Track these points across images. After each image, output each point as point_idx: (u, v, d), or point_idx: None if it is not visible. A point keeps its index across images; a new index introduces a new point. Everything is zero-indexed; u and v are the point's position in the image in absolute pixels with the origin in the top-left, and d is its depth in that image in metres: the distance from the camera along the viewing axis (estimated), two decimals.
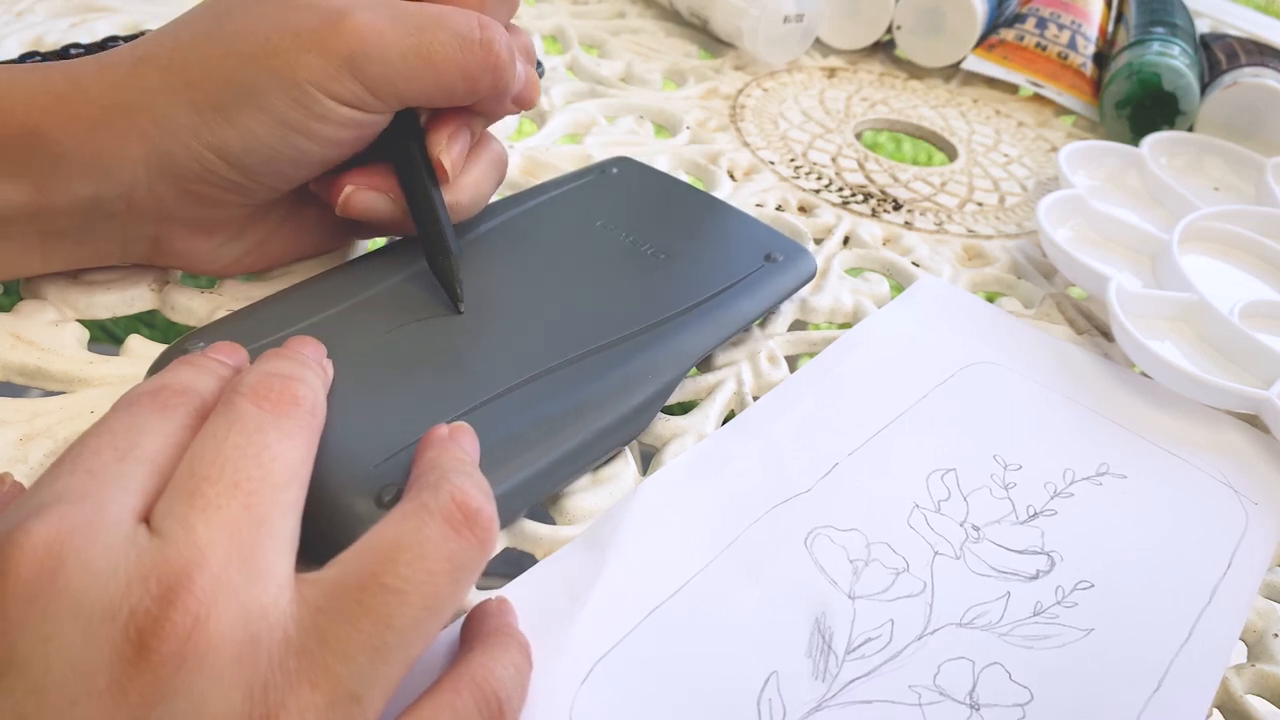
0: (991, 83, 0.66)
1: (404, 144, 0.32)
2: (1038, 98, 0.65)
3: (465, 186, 0.33)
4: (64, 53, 0.42)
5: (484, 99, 0.32)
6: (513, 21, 0.35)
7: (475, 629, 0.24)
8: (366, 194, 0.32)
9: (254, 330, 0.29)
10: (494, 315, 0.32)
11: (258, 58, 0.28)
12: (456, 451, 0.24)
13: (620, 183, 0.40)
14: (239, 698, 0.18)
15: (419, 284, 0.32)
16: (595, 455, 0.30)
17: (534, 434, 0.28)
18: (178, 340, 0.29)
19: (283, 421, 0.22)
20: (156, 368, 0.29)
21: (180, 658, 0.18)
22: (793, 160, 0.52)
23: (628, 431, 0.31)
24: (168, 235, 0.32)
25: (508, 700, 0.22)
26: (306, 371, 0.24)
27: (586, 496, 0.30)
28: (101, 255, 0.32)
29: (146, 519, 0.20)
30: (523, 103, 0.34)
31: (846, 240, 0.46)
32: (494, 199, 0.37)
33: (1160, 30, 0.60)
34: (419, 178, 0.32)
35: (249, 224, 0.33)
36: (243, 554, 0.19)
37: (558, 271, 0.34)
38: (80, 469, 0.20)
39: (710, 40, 0.64)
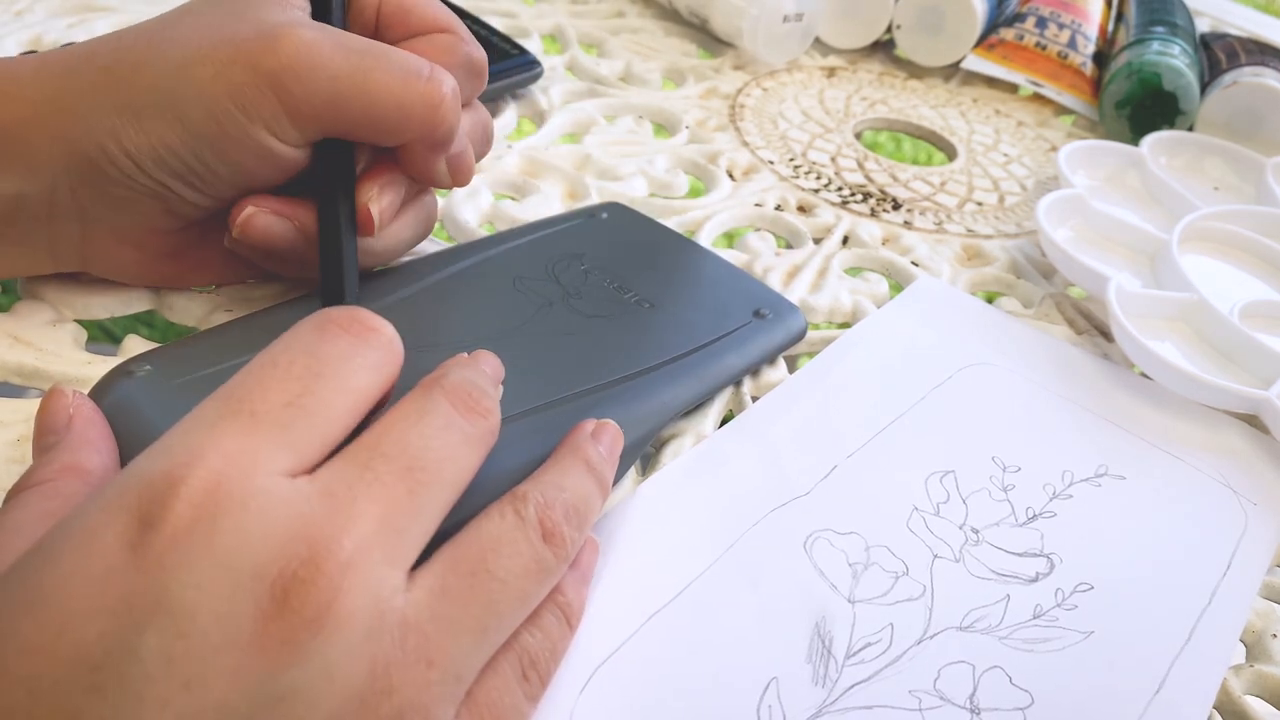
0: (991, 82, 0.66)
1: (331, 181, 0.30)
2: (1037, 97, 0.65)
3: (384, 235, 0.32)
4: None
5: (417, 145, 0.30)
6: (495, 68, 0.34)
7: None
8: (267, 218, 0.30)
9: (205, 356, 0.28)
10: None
11: (184, 66, 0.28)
12: (565, 463, 0.26)
13: (609, 227, 0.39)
14: (364, 670, 0.19)
15: (395, 313, 0.30)
16: None
17: (496, 483, 0.25)
18: (122, 363, 0.28)
19: (469, 428, 0.23)
20: (96, 395, 0.27)
21: (318, 623, 0.18)
22: (792, 160, 0.52)
23: None
24: (94, 243, 0.31)
25: (537, 665, 0.24)
26: (493, 390, 0.25)
27: None
28: (33, 261, 0.31)
29: (307, 470, 0.20)
30: (456, 174, 0.32)
31: (846, 240, 0.46)
32: (480, 235, 0.36)
33: (1160, 30, 0.60)
34: (334, 218, 0.30)
35: (183, 245, 0.32)
36: (390, 533, 0.20)
37: (537, 314, 0.33)
38: (244, 410, 0.20)
39: (710, 40, 0.64)
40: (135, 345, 0.32)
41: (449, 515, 0.22)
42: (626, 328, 0.34)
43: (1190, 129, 0.58)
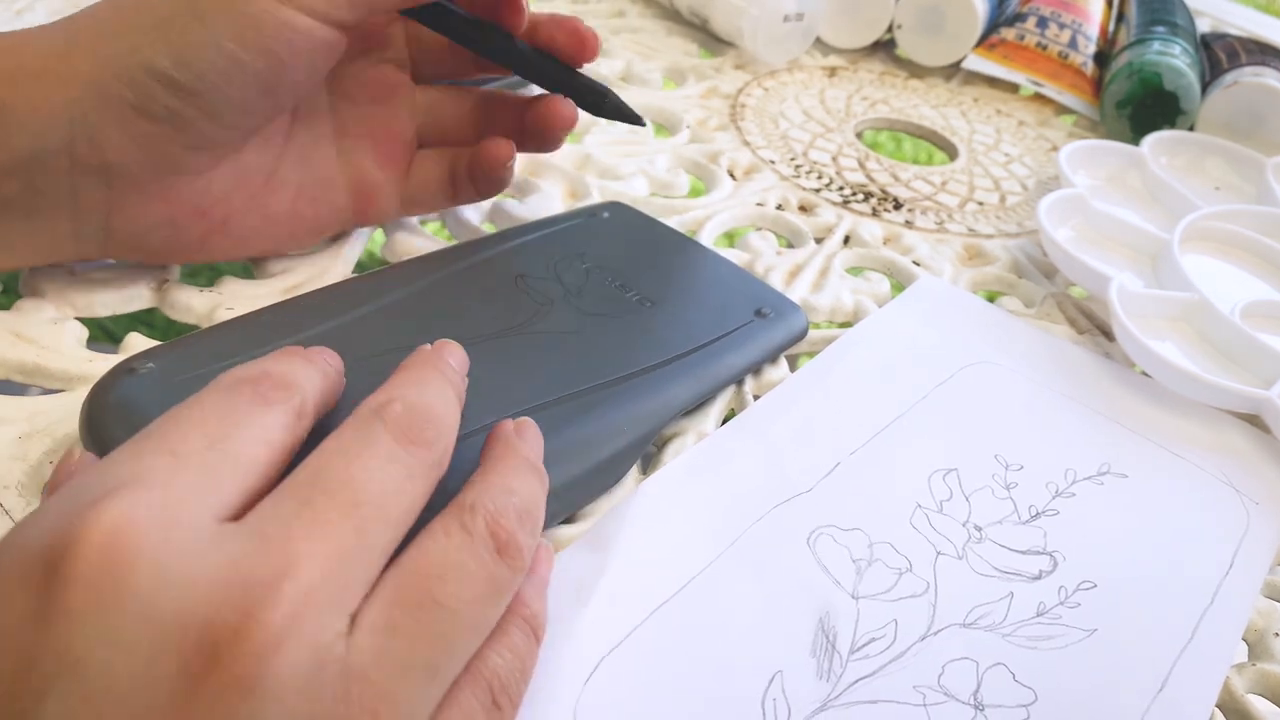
0: (992, 82, 0.66)
1: (486, 38, 0.33)
2: (1038, 97, 0.65)
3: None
4: None
5: None
6: None
7: None
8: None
9: (210, 352, 0.28)
10: (470, 355, 0.31)
11: None
12: (507, 464, 0.24)
13: (611, 226, 0.39)
14: None
15: (396, 312, 0.31)
16: (566, 507, 0.29)
17: None
18: (123, 360, 0.28)
19: (411, 461, 0.21)
20: (98, 392, 0.27)
21: (251, 681, 0.16)
22: (793, 159, 0.52)
23: (599, 484, 0.30)
24: (120, 203, 0.30)
25: (507, 690, 0.22)
26: (448, 412, 0.23)
27: None
28: (55, 237, 0.30)
29: (233, 518, 0.18)
30: None
31: (847, 239, 0.46)
32: (482, 234, 0.36)
33: (1161, 29, 0.60)
34: (526, 59, 0.33)
35: (206, 198, 0.31)
36: (336, 576, 0.18)
37: (539, 313, 0.33)
38: (164, 449, 0.18)
39: (710, 39, 0.64)
40: (136, 343, 0.32)
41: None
42: (628, 326, 0.34)
43: (1191, 129, 0.58)
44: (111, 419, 0.26)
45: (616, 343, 0.33)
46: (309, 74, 0.30)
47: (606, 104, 0.32)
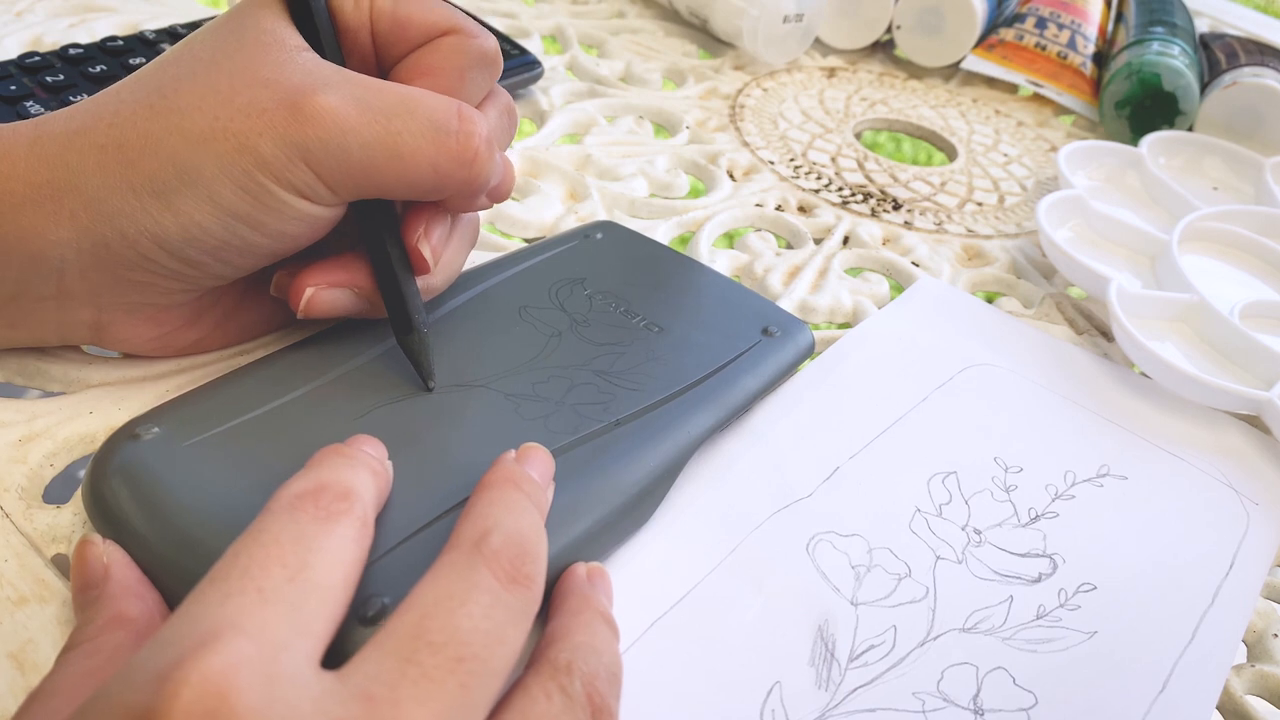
0: (991, 82, 0.66)
1: (374, 226, 0.29)
2: (1037, 97, 0.65)
3: (439, 268, 0.31)
4: (63, 53, 0.42)
5: (454, 195, 0.29)
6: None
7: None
8: (328, 293, 0.29)
9: (216, 412, 0.27)
10: (479, 396, 0.30)
11: (204, 139, 0.25)
12: (586, 619, 0.24)
13: (606, 248, 0.38)
14: None
15: (398, 359, 0.30)
16: (596, 554, 0.27)
17: None
18: (128, 424, 0.27)
19: (514, 602, 0.21)
20: (102, 460, 0.26)
21: None
22: (792, 160, 0.52)
23: (628, 526, 0.28)
24: (108, 323, 0.29)
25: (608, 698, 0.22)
26: (540, 540, 0.23)
27: None
28: (37, 339, 0.29)
29: (320, 654, 0.19)
30: (497, 196, 0.31)
31: (846, 240, 0.46)
32: (475, 263, 0.35)
33: (1160, 30, 0.60)
34: (385, 260, 0.29)
35: (199, 312, 0.30)
36: None
37: (549, 345, 0.32)
38: (250, 587, 0.18)
39: (710, 40, 0.64)
40: None
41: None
42: (640, 356, 0.33)
43: (1190, 129, 0.58)
44: (118, 490, 0.25)
45: (632, 374, 0.32)
46: (321, 234, 0.29)
47: (408, 340, 0.29)
